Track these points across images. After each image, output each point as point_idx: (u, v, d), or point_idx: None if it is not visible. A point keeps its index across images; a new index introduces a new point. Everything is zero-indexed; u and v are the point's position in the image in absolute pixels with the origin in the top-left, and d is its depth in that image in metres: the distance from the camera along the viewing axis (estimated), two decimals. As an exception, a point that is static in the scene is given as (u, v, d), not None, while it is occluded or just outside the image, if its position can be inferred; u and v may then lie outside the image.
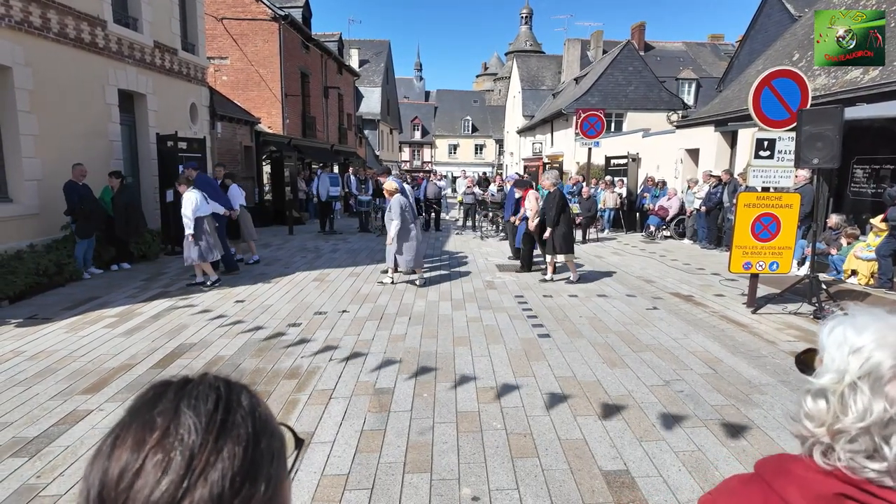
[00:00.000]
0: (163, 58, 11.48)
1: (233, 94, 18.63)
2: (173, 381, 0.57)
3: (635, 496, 2.83)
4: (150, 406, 0.53)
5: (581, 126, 12.95)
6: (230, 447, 0.51)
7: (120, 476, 0.48)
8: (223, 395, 0.55)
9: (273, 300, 6.94)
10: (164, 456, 0.49)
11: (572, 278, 8.22)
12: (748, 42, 22.71)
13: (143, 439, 0.50)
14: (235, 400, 0.55)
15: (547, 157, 30.27)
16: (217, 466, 0.49)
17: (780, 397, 4.06)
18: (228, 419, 0.53)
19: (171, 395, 0.54)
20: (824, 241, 8.62)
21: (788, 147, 6.33)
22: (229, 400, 0.55)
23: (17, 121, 7.71)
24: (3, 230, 7.46)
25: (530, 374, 4.52)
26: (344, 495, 2.84)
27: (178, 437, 0.50)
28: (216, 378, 0.58)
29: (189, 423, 0.51)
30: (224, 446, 0.51)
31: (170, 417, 0.51)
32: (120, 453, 0.49)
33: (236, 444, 0.51)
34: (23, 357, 4.81)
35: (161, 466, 0.48)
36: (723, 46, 36.39)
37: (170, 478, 0.48)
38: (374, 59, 42.22)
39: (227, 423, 0.52)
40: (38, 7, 7.99)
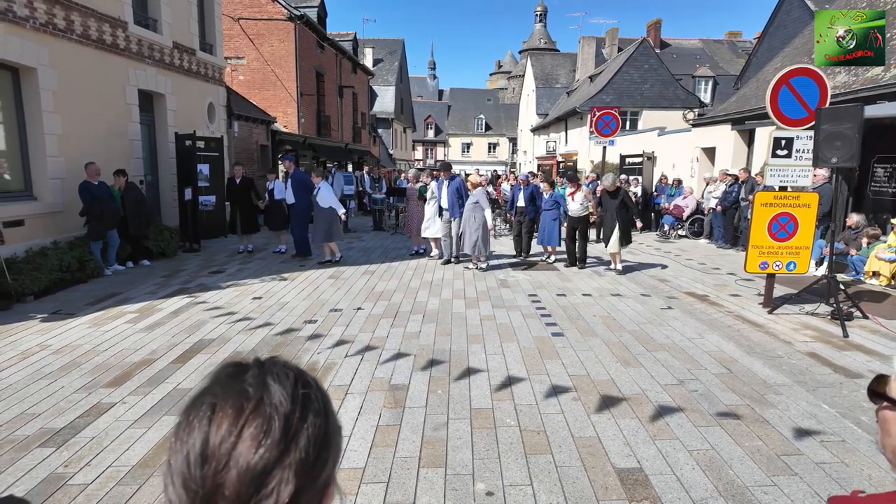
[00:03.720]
0: (181, 58, 11.66)
1: (249, 93, 18.84)
2: (248, 362, 0.62)
3: (648, 493, 2.85)
4: (237, 379, 0.58)
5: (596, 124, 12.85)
6: (312, 417, 0.57)
7: (223, 439, 0.53)
8: (298, 374, 0.61)
9: (289, 297, 7.04)
10: (263, 422, 0.54)
11: (618, 268, 8.94)
12: (766, 39, 22.40)
13: (241, 407, 0.55)
14: (308, 379, 0.62)
15: (561, 155, 30.15)
16: (304, 434, 0.56)
17: (796, 398, 4.04)
18: (308, 393, 0.59)
19: (255, 370, 0.60)
20: (843, 241, 8.50)
21: (806, 146, 6.25)
22: (304, 378, 0.61)
23: (42, 121, 7.91)
24: (29, 227, 7.65)
25: (544, 372, 4.55)
26: (360, 488, 2.90)
27: (272, 406, 0.55)
28: (285, 360, 0.63)
29: (279, 394, 0.57)
30: (308, 416, 0.57)
31: (262, 389, 0.57)
32: (222, 418, 0.54)
33: (316, 416, 0.58)
34: (48, 351, 4.95)
35: (262, 430, 0.54)
36: (740, 43, 35.89)
37: (269, 441, 0.53)
38: (388, 58, 42.37)
39: (307, 397, 0.59)
40: (62, 9, 8.17)
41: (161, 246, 9.67)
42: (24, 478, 2.96)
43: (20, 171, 7.93)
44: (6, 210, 7.32)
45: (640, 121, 26.20)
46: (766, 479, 2.98)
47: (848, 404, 3.94)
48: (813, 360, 4.88)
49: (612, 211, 8.71)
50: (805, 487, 2.90)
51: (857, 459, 3.19)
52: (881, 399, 0.80)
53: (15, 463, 3.10)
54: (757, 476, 3.00)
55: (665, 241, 13.19)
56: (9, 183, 7.83)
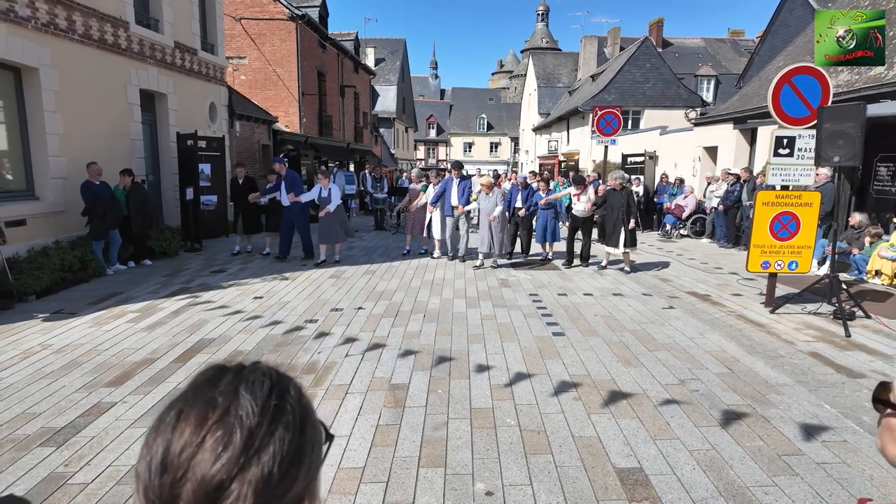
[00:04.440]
0: (183, 58, 11.68)
1: (251, 93, 18.85)
2: (230, 366, 0.60)
3: (649, 494, 2.84)
4: (210, 386, 0.57)
5: (597, 123, 12.83)
6: (281, 432, 0.54)
7: (183, 448, 0.52)
8: (276, 383, 0.58)
9: (290, 296, 7.04)
10: (225, 433, 0.52)
11: (627, 269, 8.91)
12: (769, 38, 22.33)
13: (205, 416, 0.53)
14: (286, 388, 0.59)
15: (563, 154, 30.11)
16: (269, 449, 0.53)
17: (798, 397, 4.03)
18: (281, 405, 0.56)
19: (230, 377, 0.58)
20: (845, 241, 8.47)
21: (808, 145, 6.23)
22: (281, 388, 0.58)
23: (44, 120, 7.92)
24: (31, 227, 7.67)
25: (544, 371, 4.54)
26: (360, 488, 2.89)
27: (237, 417, 0.53)
28: (268, 367, 0.61)
29: (247, 405, 0.54)
30: (276, 430, 0.54)
31: (230, 399, 0.55)
32: (184, 427, 0.53)
33: (286, 430, 0.55)
34: (50, 350, 4.96)
35: (221, 442, 0.52)
36: (743, 42, 35.79)
37: (228, 454, 0.51)
38: (389, 57, 42.38)
39: (279, 409, 0.56)
40: (64, 9, 8.19)
41: (163, 245, 9.69)
42: (24, 477, 2.96)
43: (22, 171, 7.95)
44: (8, 210, 7.34)
45: (642, 120, 26.16)
46: (767, 479, 2.97)
47: (850, 404, 3.92)
48: (815, 359, 4.86)
49: (619, 209, 8.68)
50: (806, 488, 2.89)
51: (859, 460, 3.17)
52: (886, 406, 0.79)
53: (15, 462, 3.11)
54: (758, 476, 2.99)
55: (667, 240, 13.16)
56: (11, 183, 7.85)
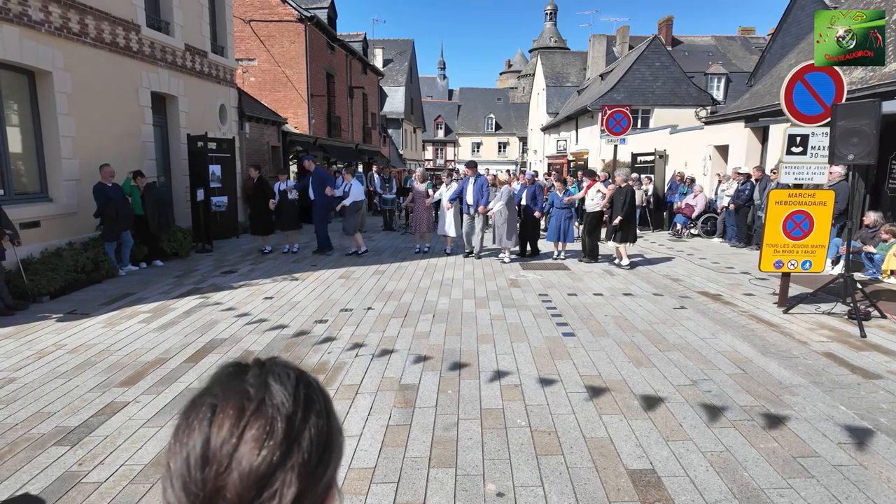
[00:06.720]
0: (193, 60, 11.76)
1: (260, 94, 18.96)
2: (248, 362, 0.61)
3: (661, 495, 2.81)
4: (238, 380, 0.57)
5: (607, 123, 12.76)
6: (314, 419, 0.56)
7: (224, 441, 0.52)
8: (300, 374, 0.60)
9: (300, 297, 7.07)
10: (266, 423, 0.53)
11: (618, 262, 9.29)
12: (780, 35, 22.11)
13: (242, 408, 0.54)
14: (309, 379, 0.61)
15: (572, 154, 30.01)
16: (306, 435, 0.55)
17: (812, 398, 3.97)
18: (309, 394, 0.58)
19: (256, 370, 0.59)
20: (860, 240, 8.36)
21: (822, 143, 6.16)
22: (306, 378, 0.60)
23: (57, 123, 8.01)
24: (45, 228, 7.77)
25: (555, 372, 4.52)
26: (371, 488, 2.89)
27: (273, 406, 0.55)
28: (286, 361, 0.62)
29: (280, 395, 0.56)
30: (310, 417, 0.56)
31: (263, 390, 0.56)
32: (223, 420, 0.53)
33: (318, 417, 0.57)
34: (64, 350, 5.02)
35: (264, 431, 0.53)
36: (754, 40, 35.46)
37: (272, 442, 0.53)
38: (397, 58, 42.43)
39: (309, 398, 0.58)
40: (77, 13, 8.28)
41: (174, 246, 9.76)
42: (39, 476, 3.00)
43: (36, 173, 8.05)
44: (23, 212, 7.43)
45: (651, 119, 25.98)
46: (781, 481, 2.93)
47: (866, 406, 3.86)
48: (829, 360, 4.80)
49: (618, 206, 9.02)
50: (822, 490, 2.85)
51: (876, 462, 3.13)
52: None
53: (31, 461, 3.14)
54: (772, 478, 2.96)
55: (678, 240, 13.07)
56: (25, 185, 7.95)
